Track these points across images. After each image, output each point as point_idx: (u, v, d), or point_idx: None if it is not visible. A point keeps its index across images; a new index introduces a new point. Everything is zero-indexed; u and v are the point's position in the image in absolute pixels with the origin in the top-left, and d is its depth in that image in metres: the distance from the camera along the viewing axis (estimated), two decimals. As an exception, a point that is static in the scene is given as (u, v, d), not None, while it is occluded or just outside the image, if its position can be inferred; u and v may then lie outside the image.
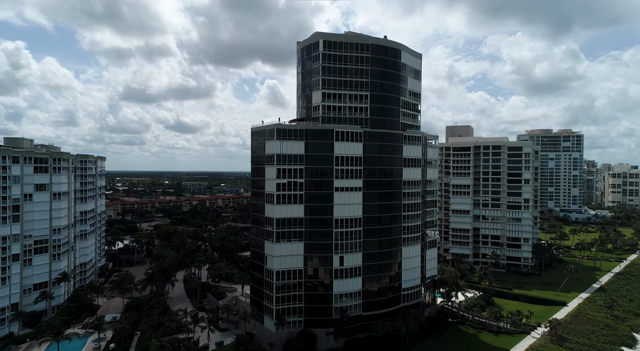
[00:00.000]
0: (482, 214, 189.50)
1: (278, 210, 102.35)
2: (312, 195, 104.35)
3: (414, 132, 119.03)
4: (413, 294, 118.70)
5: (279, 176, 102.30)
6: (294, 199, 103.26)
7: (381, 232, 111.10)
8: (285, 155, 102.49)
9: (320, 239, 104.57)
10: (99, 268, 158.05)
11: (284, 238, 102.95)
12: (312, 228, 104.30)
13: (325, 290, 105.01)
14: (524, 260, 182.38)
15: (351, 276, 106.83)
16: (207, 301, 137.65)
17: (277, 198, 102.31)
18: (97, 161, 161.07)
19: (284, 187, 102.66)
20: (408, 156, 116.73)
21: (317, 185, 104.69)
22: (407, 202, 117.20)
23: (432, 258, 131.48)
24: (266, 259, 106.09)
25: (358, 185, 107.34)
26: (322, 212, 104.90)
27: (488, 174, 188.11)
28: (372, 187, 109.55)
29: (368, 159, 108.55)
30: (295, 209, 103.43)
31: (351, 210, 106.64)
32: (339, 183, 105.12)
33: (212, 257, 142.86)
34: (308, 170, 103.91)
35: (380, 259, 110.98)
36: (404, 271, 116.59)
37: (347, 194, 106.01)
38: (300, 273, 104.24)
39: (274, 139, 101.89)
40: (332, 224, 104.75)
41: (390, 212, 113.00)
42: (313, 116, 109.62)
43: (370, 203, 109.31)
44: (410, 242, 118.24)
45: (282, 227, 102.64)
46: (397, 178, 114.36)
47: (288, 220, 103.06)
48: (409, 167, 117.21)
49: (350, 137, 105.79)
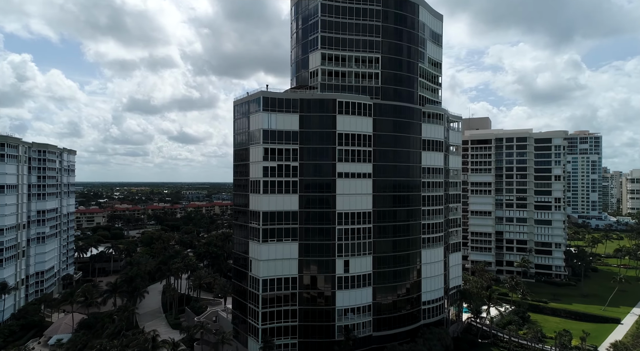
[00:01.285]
0: (506, 216, 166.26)
1: (265, 201, 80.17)
2: (308, 183, 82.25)
3: (434, 108, 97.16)
4: (435, 308, 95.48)
5: (267, 158, 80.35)
6: (285, 187, 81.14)
7: (396, 230, 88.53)
8: (275, 132, 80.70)
9: (319, 238, 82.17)
10: (64, 278, 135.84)
11: (272, 237, 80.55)
12: (309, 224, 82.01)
13: (326, 304, 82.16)
14: (556, 268, 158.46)
15: (359, 286, 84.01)
16: (185, 317, 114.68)
17: (264, 186, 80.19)
18: (62, 153, 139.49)
19: (273, 172, 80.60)
20: (428, 137, 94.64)
21: (315, 170, 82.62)
22: (427, 193, 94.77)
23: (456, 264, 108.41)
24: (250, 264, 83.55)
25: (367, 171, 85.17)
26: (322, 204, 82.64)
27: (512, 170, 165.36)
28: (385, 173, 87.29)
29: (379, 138, 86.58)
30: (287, 200, 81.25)
31: (358, 202, 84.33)
32: (343, 167, 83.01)
33: (192, 264, 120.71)
34: (304, 151, 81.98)
35: (395, 264, 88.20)
36: (425, 280, 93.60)
37: (354, 182, 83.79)
38: (293, 282, 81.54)
39: (259, 111, 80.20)
40: (335, 219, 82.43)
41: (407, 205, 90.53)
42: (310, 85, 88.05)
43: (383, 194, 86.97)
44: (432, 244, 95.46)
45: (270, 222, 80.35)
46: (415, 164, 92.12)
47: (278, 214, 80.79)
48: (430, 151, 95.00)
49: (357, 109, 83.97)
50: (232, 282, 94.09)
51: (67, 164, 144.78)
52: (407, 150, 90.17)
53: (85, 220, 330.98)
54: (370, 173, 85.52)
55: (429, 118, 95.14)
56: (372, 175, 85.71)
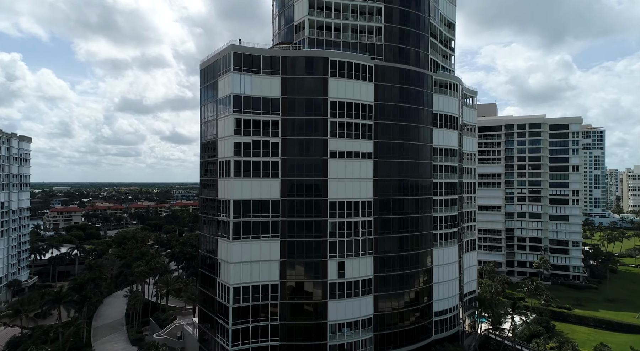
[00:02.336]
0: (518, 211, 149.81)
1: (237, 187, 62.57)
2: (293, 164, 64.84)
3: (448, 75, 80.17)
4: (449, 320, 78.46)
5: (239, 131, 62.76)
6: (263, 170, 63.66)
7: (402, 223, 71.37)
8: (250, 99, 63.11)
9: (306, 234, 64.77)
10: (10, 284, 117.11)
11: (247, 233, 62.94)
12: (294, 216, 64.58)
13: (316, 317, 64.72)
14: (574, 269, 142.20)
15: (357, 295, 66.71)
16: (150, 330, 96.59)
17: (236, 168, 62.58)
18: (10, 139, 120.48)
19: (248, 150, 63.03)
20: (440, 111, 77.57)
21: (301, 147, 65.23)
22: (439, 180, 77.73)
23: (471, 265, 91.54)
24: (219, 268, 65.85)
25: (367, 150, 67.92)
26: (310, 191, 65.30)
27: (524, 160, 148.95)
28: (389, 152, 70.06)
29: (382, 109, 69.36)
30: (265, 186, 63.77)
31: (356, 189, 67.05)
32: (337, 145, 65.72)
33: (159, 267, 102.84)
34: (287, 124, 64.56)
35: (401, 266, 71.00)
36: (437, 286, 76.52)
37: (350, 163, 66.51)
38: (274, 291, 64.01)
39: (229, 71, 62.55)
40: (326, 210, 65.09)
41: (416, 193, 73.40)
42: (296, 41, 70.60)
43: (387, 179, 69.76)
44: (445, 241, 78.43)
45: (244, 214, 62.76)
46: (425, 143, 75.03)
47: (254, 203, 63.25)
48: (442, 128, 77.98)
49: (355, 71, 66.68)
50: (198, 290, 76.22)
51: (19, 152, 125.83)
52: (416, 125, 73.02)
53: (63, 220, 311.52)
54: (370, 152, 68.27)
55: (441, 88, 78.12)
56: (374, 155, 68.46)
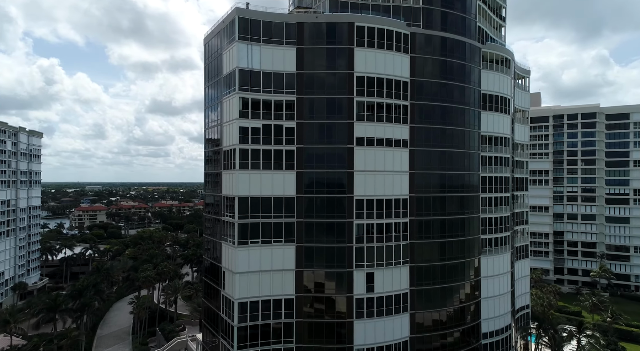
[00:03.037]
0: (568, 212, 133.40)
1: (244, 181, 51.61)
2: (311, 154, 53.35)
3: (499, 48, 66.81)
4: (501, 343, 65.07)
5: (246, 114, 51.77)
6: (275, 160, 52.50)
7: (445, 226, 58.70)
8: (259, 74, 52.05)
9: (328, 239, 53.20)
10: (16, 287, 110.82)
11: (255, 237, 51.92)
12: (313, 217, 53.10)
13: (339, 341, 53.02)
14: (637, 278, 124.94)
15: (389, 313, 54.58)
16: (156, 341, 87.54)
17: (242, 158, 51.63)
18: (18, 134, 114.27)
19: (256, 136, 51.98)
20: (490, 90, 64.29)
21: (321, 133, 53.68)
22: (488, 173, 64.53)
23: (523, 276, 77.54)
24: (223, 278, 55.16)
25: (401, 137, 55.70)
26: (332, 187, 53.65)
27: (575, 154, 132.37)
28: (429, 140, 57.54)
29: (420, 87, 56.93)
30: (278, 180, 52.57)
31: (388, 184, 54.93)
32: (365, 130, 53.82)
33: (167, 271, 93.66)
34: (304, 105, 53.16)
35: (443, 278, 58.34)
36: (485, 302, 63.33)
37: (381, 152, 54.46)
38: (288, 307, 52.74)
39: (235, 40, 51.69)
40: (352, 210, 53.27)
41: (461, 190, 60.51)
42: (316, 5, 59.10)
43: (426, 172, 57.29)
44: (495, 248, 65.11)
45: (252, 214, 51.76)
46: (472, 129, 61.97)
47: (264, 201, 52.16)
48: (492, 112, 64.64)
49: (387, 40, 54.56)
50: (202, 302, 65.76)
51: (28, 148, 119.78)
52: (461, 107, 60.13)
53: (88, 218, 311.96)
54: (406, 140, 56.01)
55: (490, 64, 64.84)
56: (410, 142, 56.16)
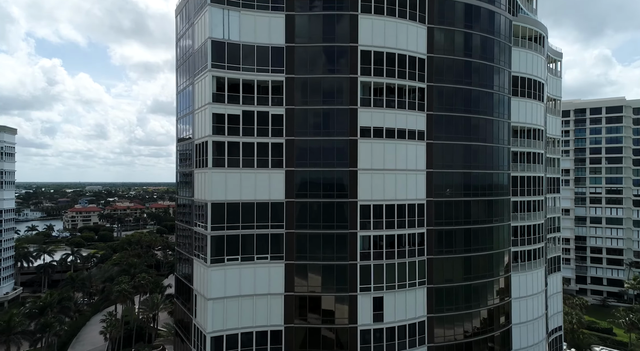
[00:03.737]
0: (591, 215, 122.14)
1: (219, 182, 40.74)
2: (304, 148, 42.50)
3: (532, 21, 55.73)
4: (534, 377, 54.12)
5: (222, 97, 40.94)
6: (260, 156, 41.63)
7: (470, 237, 47.64)
8: (238, 47, 41.21)
9: (325, 255, 42.29)
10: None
11: (234, 253, 41.04)
12: (306, 228, 42.21)
13: (340, 382, 42.18)
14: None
15: (403, 347, 43.54)
16: (132, 366, 76.85)
17: (217, 153, 40.81)
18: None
19: (235, 126, 41.12)
20: (522, 72, 53.19)
21: (317, 122, 42.83)
22: (519, 173, 53.53)
23: (556, 292, 66.34)
24: (195, 304, 44.35)
25: (416, 127, 44.73)
26: (331, 189, 42.72)
27: (600, 152, 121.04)
28: (450, 131, 46.52)
29: (439, 66, 45.97)
30: (262, 181, 41.69)
31: (401, 186, 43.98)
32: (372, 118, 42.89)
33: (145, 284, 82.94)
34: (295, 87, 42.29)
35: (468, 302, 47.30)
36: (517, 330, 52.23)
37: (392, 146, 43.55)
38: (276, 341, 41.77)
39: (207, 3, 40.83)
40: (355, 219, 42.33)
41: (489, 193, 49.47)
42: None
43: (446, 171, 46.33)
44: (528, 262, 54.09)
45: (229, 225, 40.91)
46: (501, 119, 50.90)
47: (246, 207, 41.29)
48: (524, 98, 53.56)
49: (400, 6, 43.54)
50: (174, 331, 54.99)
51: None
52: (488, 91, 49.10)
53: (82, 220, 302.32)
54: (422, 131, 45.10)
55: (522, 40, 53.82)
56: (427, 134, 45.26)
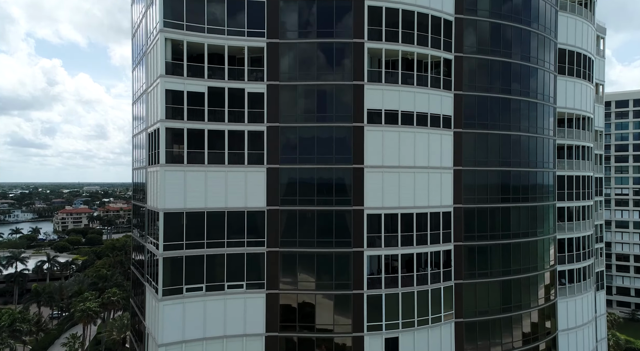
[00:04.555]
0: (616, 218, 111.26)
1: (173, 185, 29.71)
2: (292, 139, 31.60)
3: (580, -18, 44.77)
4: None
5: (179, 69, 29.99)
6: (232, 149, 30.70)
7: (508, 255, 36.65)
8: (200, 5, 30.30)
9: (320, 283, 31.37)
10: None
11: (195, 280, 30.07)
12: (294, 245, 31.28)
13: None
14: None
15: (423, 403, 32.74)
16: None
17: (171, 143, 29.86)
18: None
19: (197, 108, 30.17)
20: (569, 45, 42.13)
21: (309, 103, 31.92)
22: (566, 172, 42.71)
23: (600, 314, 55.38)
24: (146, 346, 33.45)
25: (441, 111, 33.77)
26: (327, 193, 31.75)
27: (626, 149, 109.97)
28: (483, 117, 35.58)
29: (470, 32, 35.02)
30: (235, 183, 30.73)
31: (421, 188, 32.99)
32: (381, 98, 31.92)
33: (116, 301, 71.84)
34: (279, 55, 31.35)
35: (506, 340, 36.36)
36: (565, 369, 41.42)
37: (408, 136, 32.57)
38: (253, 399, 30.98)
39: (158, -59, 29.95)
40: (360, 233, 31.36)
41: (532, 198, 38.52)
42: None
43: (479, 169, 35.39)
44: (575, 284, 43.19)
45: (189, 242, 29.96)
46: (545, 102, 39.79)
47: (212, 219, 30.32)
48: (572, 78, 42.56)
49: (418, -52, 32.72)
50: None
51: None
52: (532, 66, 38.08)
53: (72, 222, 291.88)
54: (449, 116, 34.17)
55: (571, 4, 42.83)
56: (455, 121, 34.35)
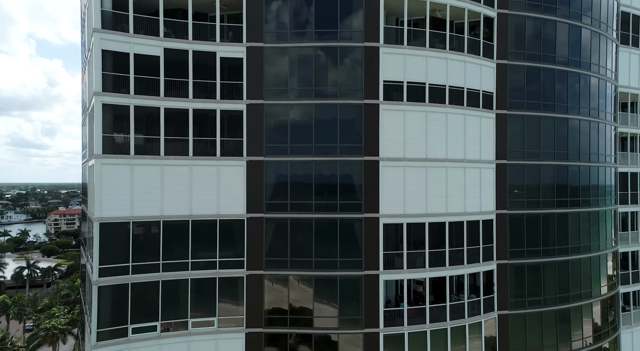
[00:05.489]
0: None
1: (112, 183, 21.06)
2: (282, 121, 22.99)
3: None
4: None
5: (121, 22, 21.44)
6: (197, 135, 22.17)
7: (566, 275, 27.92)
8: None
9: (320, 318, 22.79)
10: None
11: (145, 317, 21.47)
12: (285, 266, 22.67)
13: None
14: None
15: None
16: None
17: (111, 127, 21.31)
18: None
19: (150, 79, 21.65)
20: (634, 8, 33.74)
21: (304, 72, 23.30)
22: (629, 168, 34.07)
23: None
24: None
25: (480, 85, 25.20)
26: (329, 197, 23.14)
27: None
28: (533, 95, 26.87)
29: (518, -19, 26.49)
30: (204, 183, 22.12)
31: (456, 190, 24.35)
32: (403, 65, 23.30)
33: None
34: (265, 6, 22.81)
35: (562, 387, 27.79)
36: None
37: (438, 117, 23.90)
38: None
39: None
40: (375, 250, 22.70)
41: (595, 202, 29.84)
42: None
43: (529, 163, 26.76)
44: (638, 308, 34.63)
45: (138, 264, 21.42)
46: (604, 77, 31.11)
47: (170, 230, 21.77)
48: (636, 49, 34.09)
49: None
50: None
51: None
52: (593, 29, 29.47)
53: (65, 223, 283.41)
54: (490, 93, 25.59)
55: (634, -44, 34.29)
56: (498, 99, 25.76)
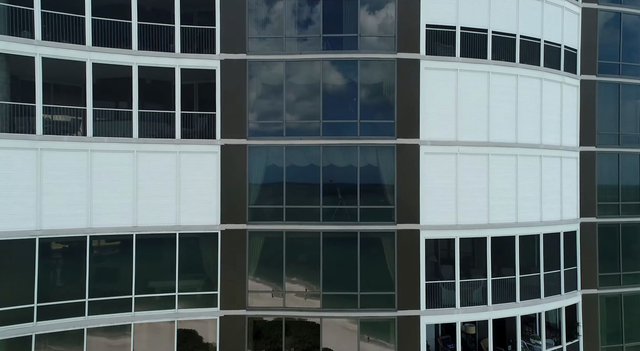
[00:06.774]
0: None
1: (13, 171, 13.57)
2: (275, 88, 15.08)
3: None
4: None
5: None
6: (145, 109, 14.47)
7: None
8: None
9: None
10: None
11: None
12: (277, 304, 14.97)
13: None
14: None
15: None
16: None
17: (6, 87, 13.64)
18: None
19: (67, 15, 14.00)
20: None
21: (305, 18, 15.52)
22: None
23: None
24: None
25: (562, 40, 17.42)
26: (345, 201, 15.28)
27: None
28: (633, 55, 19.28)
29: None
30: (158, 178, 14.49)
31: (529, 190, 16.50)
32: (454, 7, 15.57)
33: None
34: None
35: None
36: None
37: (505, 82, 15.99)
38: None
39: None
40: (413, 275, 14.97)
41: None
42: None
43: (627, 151, 18.87)
44: None
45: (59, 303, 13.78)
46: None
47: (100, 251, 14.17)
48: None
49: None
50: None
51: None
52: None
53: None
54: (574, 50, 17.80)
55: None
56: (583, 62, 17.92)
